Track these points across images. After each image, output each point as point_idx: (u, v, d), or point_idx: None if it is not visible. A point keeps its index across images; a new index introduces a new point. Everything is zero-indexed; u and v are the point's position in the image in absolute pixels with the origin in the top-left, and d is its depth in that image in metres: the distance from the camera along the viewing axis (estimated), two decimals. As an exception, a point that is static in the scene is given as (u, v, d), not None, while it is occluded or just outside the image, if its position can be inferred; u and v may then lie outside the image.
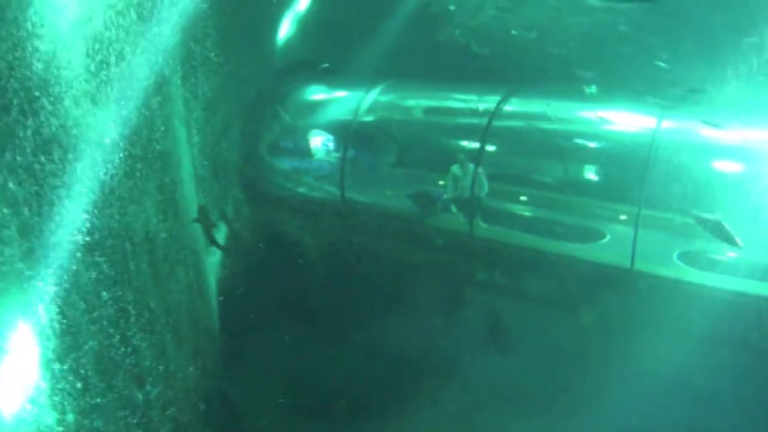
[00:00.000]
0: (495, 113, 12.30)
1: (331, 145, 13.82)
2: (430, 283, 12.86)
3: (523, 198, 11.98)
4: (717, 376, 10.34)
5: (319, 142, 13.99)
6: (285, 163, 14.65)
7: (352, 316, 13.45)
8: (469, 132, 12.65)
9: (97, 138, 8.17)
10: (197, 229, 11.45)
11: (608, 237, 11.09)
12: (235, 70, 13.12)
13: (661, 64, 12.30)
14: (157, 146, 9.74)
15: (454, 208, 12.22)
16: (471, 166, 11.91)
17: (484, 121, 12.27)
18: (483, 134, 12.17)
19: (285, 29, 14.77)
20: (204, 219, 11.32)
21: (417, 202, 12.63)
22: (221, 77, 12.71)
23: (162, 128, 9.91)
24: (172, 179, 10.36)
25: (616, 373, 10.62)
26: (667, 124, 10.98)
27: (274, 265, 13.88)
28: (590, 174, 11.76)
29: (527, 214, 12.02)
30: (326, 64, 15.32)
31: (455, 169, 12.07)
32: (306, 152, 14.22)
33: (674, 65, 12.24)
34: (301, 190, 14.25)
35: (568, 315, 11.35)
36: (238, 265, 13.67)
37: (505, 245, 11.89)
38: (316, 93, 14.90)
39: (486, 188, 11.87)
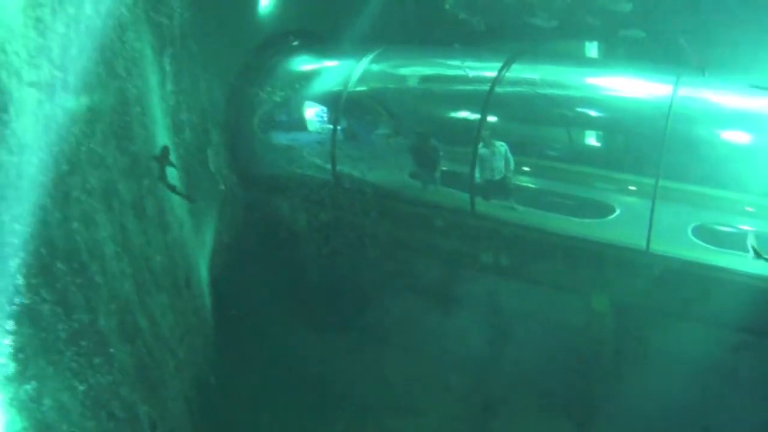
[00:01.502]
0: (497, 80, 11.33)
1: (322, 119, 12.92)
2: (430, 266, 12.07)
3: (529, 170, 11.01)
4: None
5: (307, 116, 13.12)
6: (274, 139, 13.69)
7: (348, 301, 13.09)
8: (470, 100, 11.68)
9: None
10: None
11: (619, 211, 10.24)
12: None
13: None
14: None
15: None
16: (498, 144, 10.79)
17: (485, 87, 11.27)
18: (484, 102, 11.17)
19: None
20: (163, 158, 10.28)
21: (417, 156, 11.64)
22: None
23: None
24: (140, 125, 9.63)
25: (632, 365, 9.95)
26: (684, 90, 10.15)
27: (267, 249, 13.27)
28: (602, 143, 11.05)
29: (533, 187, 11.06)
30: (295, 42, 14.25)
31: (481, 148, 10.91)
32: (295, 127, 13.36)
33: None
34: (292, 167, 13.32)
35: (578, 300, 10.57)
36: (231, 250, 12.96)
37: (510, 225, 11.01)
38: (305, 63, 13.93)
39: (512, 166, 10.81)
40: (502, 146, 10.74)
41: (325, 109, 12.89)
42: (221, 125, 13.05)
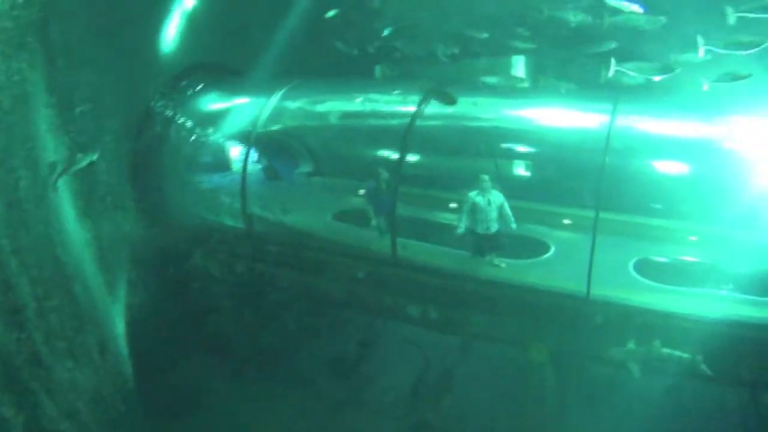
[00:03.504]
0: (417, 114, 10.51)
1: (233, 160, 11.94)
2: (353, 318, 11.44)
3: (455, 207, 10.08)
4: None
5: (219, 157, 12.18)
6: (184, 180, 12.66)
7: (271, 351, 12.35)
8: (389, 135, 10.85)
9: None
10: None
11: (555, 248, 9.52)
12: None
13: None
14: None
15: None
16: (495, 193, 9.50)
17: (404, 122, 10.44)
18: (403, 137, 10.32)
19: (173, 29, 12.65)
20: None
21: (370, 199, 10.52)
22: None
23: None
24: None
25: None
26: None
27: (182, 298, 12.39)
28: (534, 177, 10.29)
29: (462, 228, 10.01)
30: (203, 76, 13.25)
31: (476, 197, 9.58)
32: (206, 169, 12.42)
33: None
34: (204, 211, 12.41)
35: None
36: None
37: (435, 272, 10.12)
38: (214, 100, 12.93)
39: (512, 223, 9.55)
40: (498, 196, 9.53)
41: (235, 149, 11.94)
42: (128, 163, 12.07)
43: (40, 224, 9.32)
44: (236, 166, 11.80)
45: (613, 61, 10.11)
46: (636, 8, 10.31)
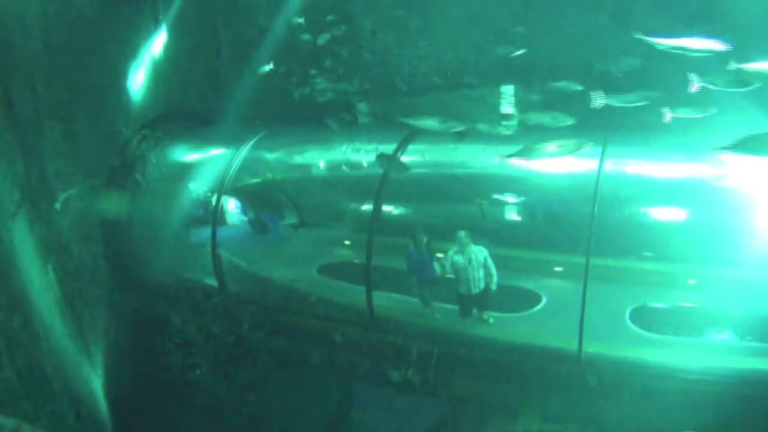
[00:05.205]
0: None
1: (204, 215, 11.46)
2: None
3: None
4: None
5: (190, 212, 11.69)
6: (155, 237, 12.06)
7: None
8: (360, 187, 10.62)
9: None
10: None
11: (546, 299, 8.97)
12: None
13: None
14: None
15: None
16: (476, 249, 8.87)
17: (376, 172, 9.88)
18: (377, 189, 9.80)
19: (140, 77, 12.18)
20: None
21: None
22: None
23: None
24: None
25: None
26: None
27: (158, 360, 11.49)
28: (522, 224, 9.70)
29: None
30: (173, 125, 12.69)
31: (454, 255, 8.98)
32: (177, 224, 11.75)
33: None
34: (176, 268, 11.88)
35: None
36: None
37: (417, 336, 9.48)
38: (184, 152, 12.45)
39: (495, 278, 8.91)
40: (480, 252, 8.89)
41: (205, 202, 11.46)
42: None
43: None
44: (204, 221, 11.37)
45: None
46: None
